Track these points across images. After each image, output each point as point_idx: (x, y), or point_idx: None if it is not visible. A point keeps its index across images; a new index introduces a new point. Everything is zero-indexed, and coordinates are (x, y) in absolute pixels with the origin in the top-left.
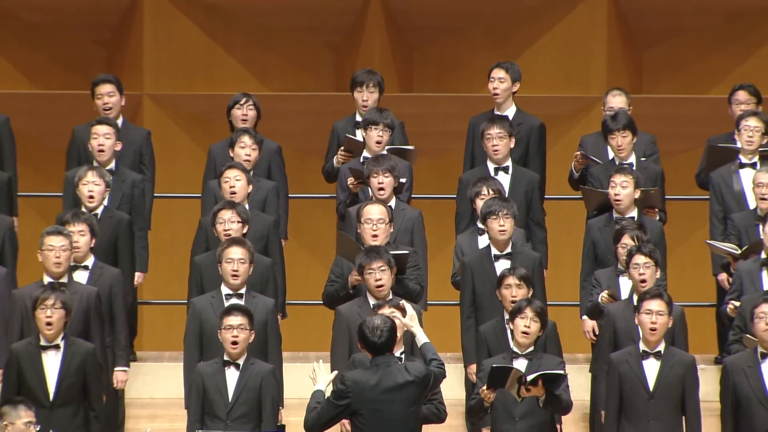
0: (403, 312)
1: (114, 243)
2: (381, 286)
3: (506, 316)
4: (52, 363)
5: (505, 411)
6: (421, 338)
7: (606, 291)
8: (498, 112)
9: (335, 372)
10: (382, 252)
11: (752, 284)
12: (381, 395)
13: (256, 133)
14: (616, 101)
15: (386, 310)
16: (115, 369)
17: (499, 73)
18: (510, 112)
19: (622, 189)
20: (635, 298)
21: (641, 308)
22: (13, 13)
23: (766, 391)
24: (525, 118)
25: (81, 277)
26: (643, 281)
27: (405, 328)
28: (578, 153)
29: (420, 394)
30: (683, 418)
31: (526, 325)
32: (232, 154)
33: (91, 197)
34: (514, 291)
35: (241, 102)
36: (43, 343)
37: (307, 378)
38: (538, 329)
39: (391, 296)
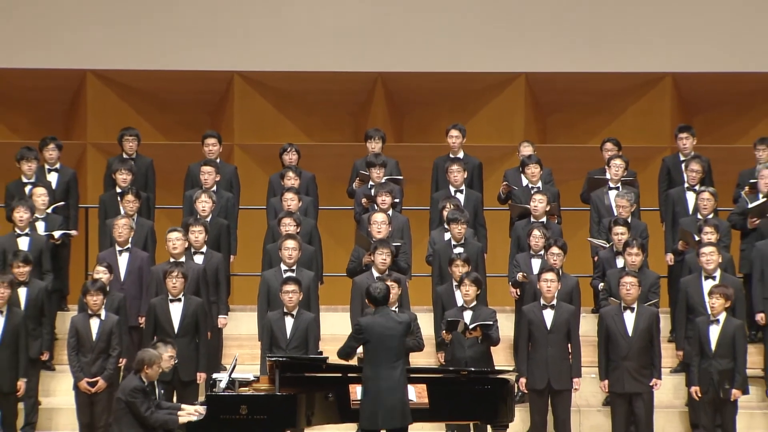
0: (399, 285)
1: (218, 238)
2: (384, 263)
3: (454, 283)
4: (176, 310)
5: (459, 343)
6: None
7: (522, 273)
8: (453, 156)
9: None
10: (390, 243)
11: (609, 264)
12: (381, 330)
13: (296, 168)
14: (527, 149)
15: (388, 282)
16: (219, 316)
17: (454, 132)
18: (461, 155)
19: (540, 204)
20: None
21: (540, 278)
22: (154, 93)
23: (626, 330)
24: (470, 159)
25: (199, 259)
26: (555, 263)
27: (399, 294)
28: (504, 184)
29: (406, 332)
30: (569, 346)
31: (467, 290)
32: (283, 182)
33: (204, 209)
34: (460, 268)
35: (287, 149)
36: (170, 297)
37: (336, 320)
38: (476, 291)
39: (388, 272)
